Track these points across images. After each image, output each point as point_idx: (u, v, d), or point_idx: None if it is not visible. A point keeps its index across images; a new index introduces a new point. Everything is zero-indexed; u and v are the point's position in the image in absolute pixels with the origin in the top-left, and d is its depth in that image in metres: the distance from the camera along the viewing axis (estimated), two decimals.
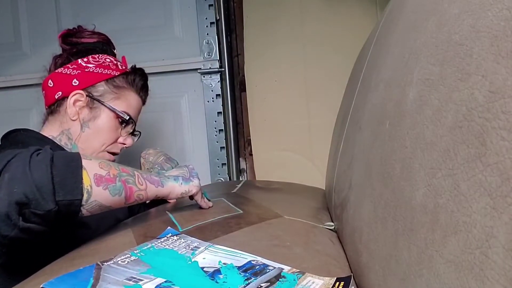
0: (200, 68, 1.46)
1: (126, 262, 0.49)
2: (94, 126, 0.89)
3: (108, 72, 0.92)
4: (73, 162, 0.57)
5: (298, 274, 0.48)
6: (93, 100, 0.90)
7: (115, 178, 0.62)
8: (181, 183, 0.75)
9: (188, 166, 0.83)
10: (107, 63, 0.93)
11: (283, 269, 0.49)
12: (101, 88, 0.91)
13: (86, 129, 0.89)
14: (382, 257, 0.39)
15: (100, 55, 0.94)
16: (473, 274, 0.22)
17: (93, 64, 0.92)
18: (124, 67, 0.96)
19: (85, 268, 0.48)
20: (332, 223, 0.76)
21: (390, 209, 0.37)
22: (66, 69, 0.91)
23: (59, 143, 0.88)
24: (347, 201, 0.62)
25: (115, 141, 0.94)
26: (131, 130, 0.96)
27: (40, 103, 0.96)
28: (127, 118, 0.92)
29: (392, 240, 0.36)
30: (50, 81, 0.91)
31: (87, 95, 0.89)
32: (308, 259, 0.54)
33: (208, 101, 1.48)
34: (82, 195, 0.56)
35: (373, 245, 0.42)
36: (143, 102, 1.01)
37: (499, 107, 0.22)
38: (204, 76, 1.48)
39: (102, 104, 0.90)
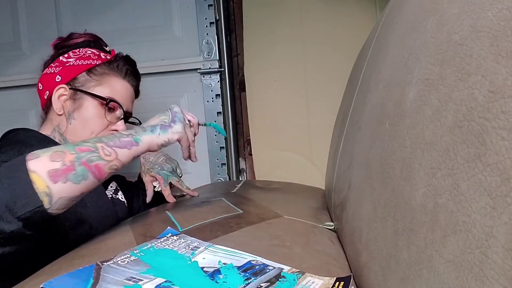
0: (199, 68, 1.46)
1: (126, 262, 0.49)
2: (79, 116, 0.88)
3: (88, 63, 0.91)
4: (17, 172, 0.53)
5: (298, 274, 0.48)
6: (76, 92, 0.89)
7: (73, 164, 0.57)
8: (159, 134, 0.70)
9: (172, 109, 0.78)
10: (87, 55, 0.92)
11: (283, 269, 0.49)
12: (82, 78, 0.90)
13: (72, 121, 0.88)
14: (381, 257, 0.39)
15: (81, 49, 0.93)
16: (473, 274, 0.22)
17: (73, 58, 0.92)
18: (109, 57, 0.95)
19: (85, 268, 0.48)
20: (331, 223, 0.76)
21: (389, 209, 0.37)
22: (50, 69, 0.92)
23: (54, 140, 0.88)
24: (347, 201, 0.62)
25: (105, 128, 0.91)
26: (121, 116, 0.93)
27: (39, 104, 0.96)
28: (108, 101, 0.89)
29: (391, 240, 0.36)
30: (39, 84, 0.93)
31: (70, 88, 0.89)
32: (308, 259, 0.54)
33: (207, 101, 1.48)
34: (42, 200, 0.53)
35: (373, 245, 0.42)
36: (134, 88, 0.98)
37: (499, 107, 0.22)
38: (203, 76, 1.48)
39: (84, 92, 0.89)
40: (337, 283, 0.46)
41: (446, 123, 0.28)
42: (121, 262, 0.49)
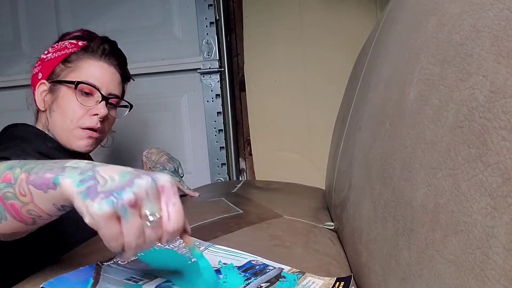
0: (199, 68, 1.46)
1: (126, 262, 0.49)
2: (57, 107, 0.87)
3: (64, 53, 0.90)
4: None
5: (298, 274, 0.48)
6: (53, 84, 0.88)
7: None
8: (84, 192, 0.40)
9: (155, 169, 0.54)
10: (64, 45, 0.91)
11: (283, 269, 0.49)
12: (58, 69, 0.89)
13: (52, 113, 0.87)
14: (382, 257, 0.39)
15: (60, 42, 0.92)
16: (474, 274, 0.22)
17: (51, 52, 0.91)
18: (86, 43, 0.92)
19: (85, 268, 0.48)
20: (332, 223, 0.76)
21: (390, 209, 0.37)
22: (35, 69, 0.92)
23: (51, 137, 0.88)
24: (347, 201, 0.61)
25: (85, 114, 0.87)
26: (99, 99, 0.88)
27: None
28: (75, 83, 0.86)
29: (392, 240, 0.36)
30: (31, 87, 0.93)
31: (49, 82, 0.89)
32: (308, 259, 0.54)
33: (207, 101, 1.48)
34: None
35: (373, 245, 0.42)
36: (118, 68, 0.93)
37: (500, 107, 0.22)
38: (203, 76, 1.48)
39: (58, 82, 0.88)
40: (337, 283, 0.46)
41: (447, 123, 0.28)
42: (121, 262, 0.49)
